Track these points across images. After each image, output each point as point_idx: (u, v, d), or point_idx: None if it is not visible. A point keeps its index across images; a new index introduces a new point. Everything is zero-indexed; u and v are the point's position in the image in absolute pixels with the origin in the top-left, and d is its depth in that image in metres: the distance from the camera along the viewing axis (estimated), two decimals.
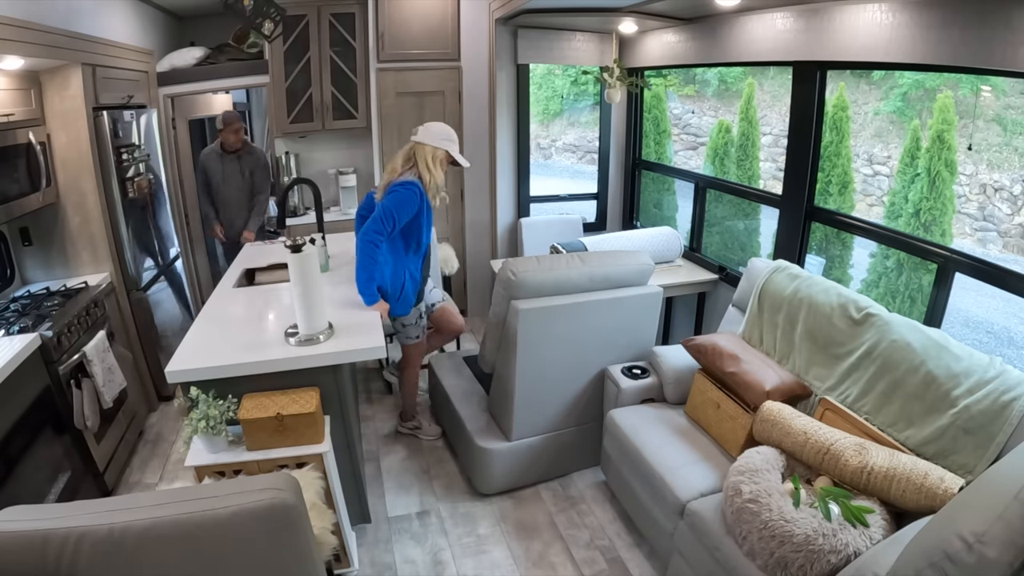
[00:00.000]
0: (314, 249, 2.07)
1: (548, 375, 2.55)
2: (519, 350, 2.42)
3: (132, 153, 3.19)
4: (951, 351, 1.89)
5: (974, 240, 5.69)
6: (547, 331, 2.45)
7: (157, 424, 3.28)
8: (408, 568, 2.30)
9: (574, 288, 2.50)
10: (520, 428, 2.60)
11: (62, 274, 2.96)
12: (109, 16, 3.21)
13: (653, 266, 2.68)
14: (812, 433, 1.90)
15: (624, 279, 2.60)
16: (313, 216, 3.84)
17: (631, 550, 2.37)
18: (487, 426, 2.69)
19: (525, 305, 2.39)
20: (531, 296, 2.43)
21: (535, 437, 2.66)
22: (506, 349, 2.50)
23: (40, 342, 2.26)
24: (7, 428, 2.01)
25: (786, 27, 2.78)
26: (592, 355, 2.63)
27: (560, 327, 2.48)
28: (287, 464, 1.89)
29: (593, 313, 2.52)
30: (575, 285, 2.50)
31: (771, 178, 6.59)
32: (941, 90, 4.64)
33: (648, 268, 2.65)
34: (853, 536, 1.59)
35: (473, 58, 4.08)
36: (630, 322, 2.64)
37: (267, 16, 3.07)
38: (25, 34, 2.33)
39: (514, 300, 2.43)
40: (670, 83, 6.97)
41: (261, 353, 2.02)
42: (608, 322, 2.58)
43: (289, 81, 4.00)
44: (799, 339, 2.38)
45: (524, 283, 2.41)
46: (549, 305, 2.42)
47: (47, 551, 1.07)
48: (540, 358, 2.49)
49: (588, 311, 2.51)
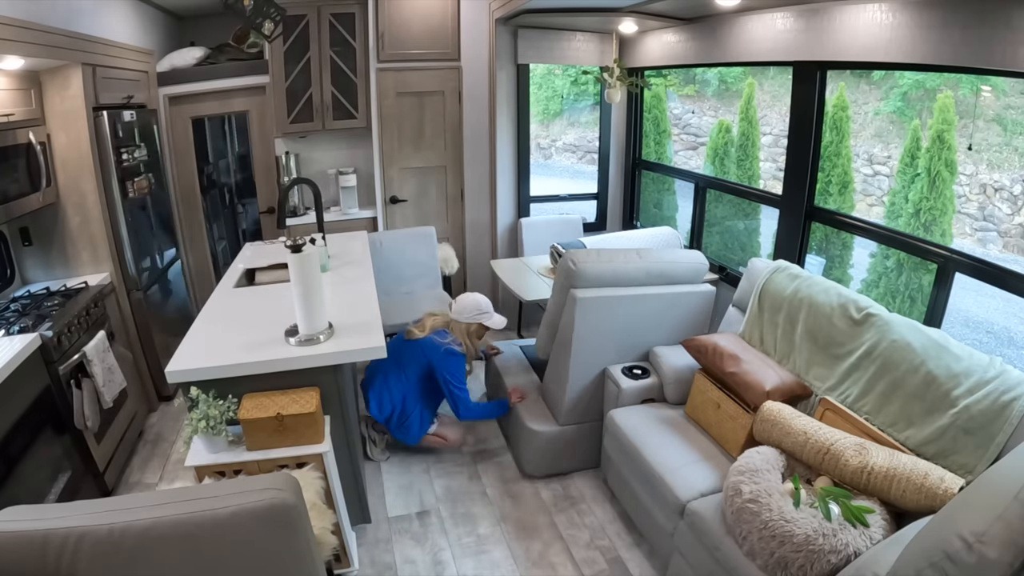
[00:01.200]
0: (314, 249, 2.07)
1: (600, 363, 2.64)
2: (575, 336, 2.53)
3: (132, 153, 3.19)
4: (951, 351, 1.89)
5: (974, 240, 5.69)
6: (602, 320, 2.56)
7: (157, 424, 3.28)
8: (408, 568, 2.30)
9: (630, 281, 2.60)
10: (568, 414, 2.68)
11: (62, 274, 2.96)
12: (109, 16, 3.21)
13: (707, 265, 2.77)
14: (812, 433, 1.90)
15: (679, 276, 2.69)
16: (313, 216, 3.83)
17: (631, 550, 2.37)
18: (539, 410, 2.78)
19: (583, 294, 2.49)
20: (589, 286, 2.53)
21: (582, 424, 2.73)
22: (562, 336, 2.62)
23: (40, 342, 2.26)
24: (7, 428, 2.01)
25: (786, 27, 2.78)
26: (644, 347, 2.70)
27: (615, 317, 2.58)
28: (287, 464, 1.89)
29: (647, 306, 2.62)
30: (631, 278, 2.60)
31: (771, 178, 6.59)
32: (941, 90, 4.64)
33: (703, 267, 2.75)
34: (853, 536, 1.59)
35: (473, 58, 4.08)
36: (682, 318, 2.71)
37: (267, 16, 3.07)
38: (25, 34, 2.33)
39: (573, 289, 2.53)
40: (670, 83, 6.97)
41: (261, 353, 2.02)
42: (661, 316, 2.67)
43: (289, 81, 4.00)
44: (799, 339, 2.38)
45: (583, 273, 2.52)
46: (606, 295, 2.53)
47: (47, 551, 1.07)
48: (594, 346, 2.58)
49: (643, 304, 2.61)
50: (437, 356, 2.66)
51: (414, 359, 2.71)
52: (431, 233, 3.90)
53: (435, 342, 2.69)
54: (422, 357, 2.70)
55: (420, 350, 2.70)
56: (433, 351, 2.67)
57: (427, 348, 2.69)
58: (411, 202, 4.32)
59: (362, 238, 3.58)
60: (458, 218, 4.43)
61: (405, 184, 4.26)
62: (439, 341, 2.69)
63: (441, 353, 2.66)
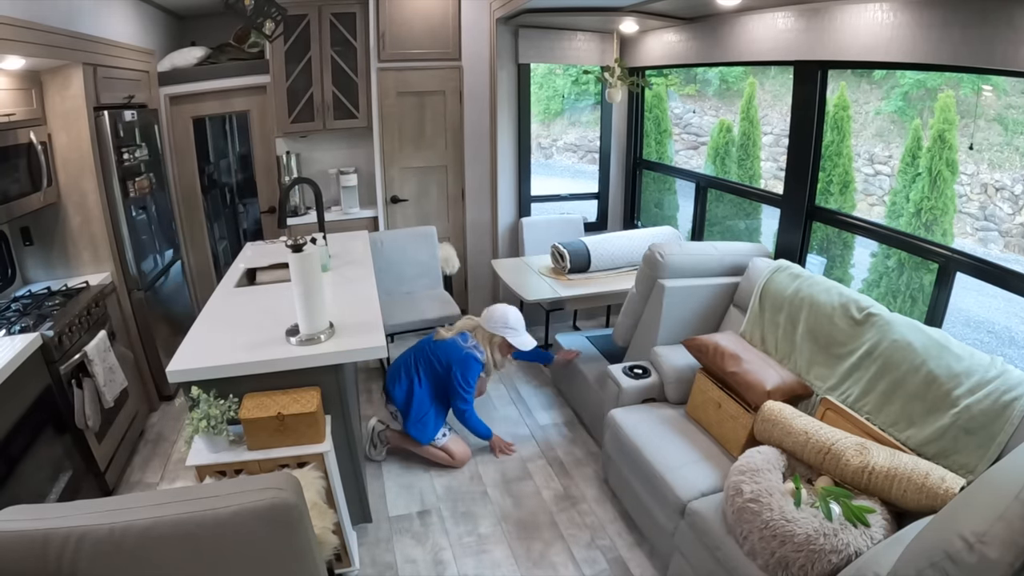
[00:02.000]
0: (315, 249, 2.07)
1: None
2: (662, 322, 2.74)
3: (133, 153, 3.20)
4: (952, 351, 1.89)
5: (975, 240, 5.69)
6: (684, 308, 2.78)
7: (158, 424, 3.28)
8: (409, 568, 2.30)
9: (708, 272, 2.83)
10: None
11: (63, 274, 2.97)
12: (110, 16, 3.22)
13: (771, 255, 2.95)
14: (813, 433, 1.90)
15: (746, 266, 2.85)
16: (314, 216, 3.83)
17: (632, 550, 2.37)
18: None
19: (670, 283, 2.71)
20: (674, 276, 2.75)
21: None
22: (646, 323, 2.84)
23: (41, 342, 2.26)
24: (8, 428, 2.01)
25: (787, 26, 2.78)
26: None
27: (695, 306, 2.80)
28: (288, 463, 1.89)
29: (722, 294, 2.83)
30: (709, 269, 2.83)
31: (772, 177, 6.60)
32: (942, 89, 4.64)
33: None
34: (854, 536, 1.59)
35: (474, 58, 4.07)
36: None
37: (268, 16, 3.08)
38: (26, 34, 2.33)
39: (660, 279, 2.74)
40: (671, 83, 6.97)
41: (262, 353, 2.02)
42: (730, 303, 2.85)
43: (290, 81, 4.00)
44: (800, 339, 2.38)
45: (669, 264, 2.73)
46: (689, 285, 2.76)
47: (48, 551, 1.08)
48: (678, 331, 2.76)
49: (719, 291, 2.83)
50: (457, 356, 2.75)
51: (437, 358, 2.80)
52: (432, 233, 3.90)
53: (458, 343, 2.78)
54: (444, 356, 2.78)
55: (444, 349, 2.79)
56: (455, 351, 2.76)
57: (450, 348, 2.78)
58: (412, 202, 4.32)
59: (363, 238, 3.58)
60: (459, 218, 4.43)
61: (406, 184, 4.27)
62: (462, 344, 2.78)
63: (462, 354, 2.75)
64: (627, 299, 2.95)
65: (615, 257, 3.51)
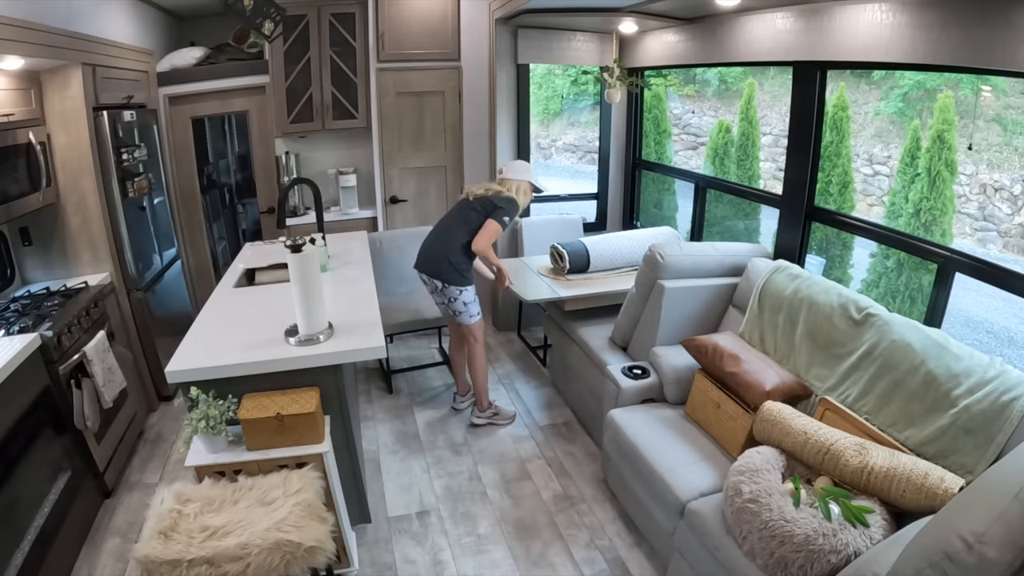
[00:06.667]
0: (314, 249, 2.07)
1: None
2: (662, 322, 2.75)
3: (132, 153, 3.19)
4: (951, 351, 1.89)
5: (974, 240, 5.70)
6: (684, 309, 2.79)
7: (157, 424, 3.28)
8: (408, 568, 2.30)
9: (707, 273, 2.84)
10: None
11: (62, 274, 2.96)
12: (109, 16, 3.21)
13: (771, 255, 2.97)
14: (812, 433, 1.90)
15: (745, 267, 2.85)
16: (313, 216, 3.83)
17: (631, 550, 2.37)
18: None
19: (670, 284, 2.71)
20: (674, 277, 2.76)
21: None
22: (646, 323, 2.84)
23: (40, 342, 2.26)
24: (7, 428, 2.01)
25: (786, 27, 2.78)
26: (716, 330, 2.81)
27: (695, 306, 2.81)
28: (287, 464, 1.89)
29: (721, 294, 2.84)
30: (708, 270, 2.84)
31: (771, 178, 6.61)
32: (941, 90, 4.65)
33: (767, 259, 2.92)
34: (853, 536, 1.59)
35: (473, 58, 4.08)
36: None
37: (267, 16, 3.07)
38: (25, 34, 2.33)
39: (659, 280, 2.74)
40: (670, 83, 6.98)
41: (261, 353, 2.02)
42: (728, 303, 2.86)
43: (289, 81, 4.00)
44: (799, 339, 2.38)
45: (669, 265, 2.74)
46: (688, 285, 2.77)
47: None
48: (676, 333, 2.76)
49: (718, 291, 2.83)
50: (501, 200, 2.95)
51: (475, 210, 2.95)
52: None
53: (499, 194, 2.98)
54: (486, 205, 2.94)
55: (483, 201, 2.96)
56: (497, 199, 2.96)
57: (492, 198, 2.97)
58: (411, 202, 4.32)
59: (362, 238, 3.58)
60: None
61: (405, 184, 4.26)
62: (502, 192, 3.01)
63: (504, 198, 2.96)
64: (626, 299, 2.96)
65: (614, 258, 3.51)
